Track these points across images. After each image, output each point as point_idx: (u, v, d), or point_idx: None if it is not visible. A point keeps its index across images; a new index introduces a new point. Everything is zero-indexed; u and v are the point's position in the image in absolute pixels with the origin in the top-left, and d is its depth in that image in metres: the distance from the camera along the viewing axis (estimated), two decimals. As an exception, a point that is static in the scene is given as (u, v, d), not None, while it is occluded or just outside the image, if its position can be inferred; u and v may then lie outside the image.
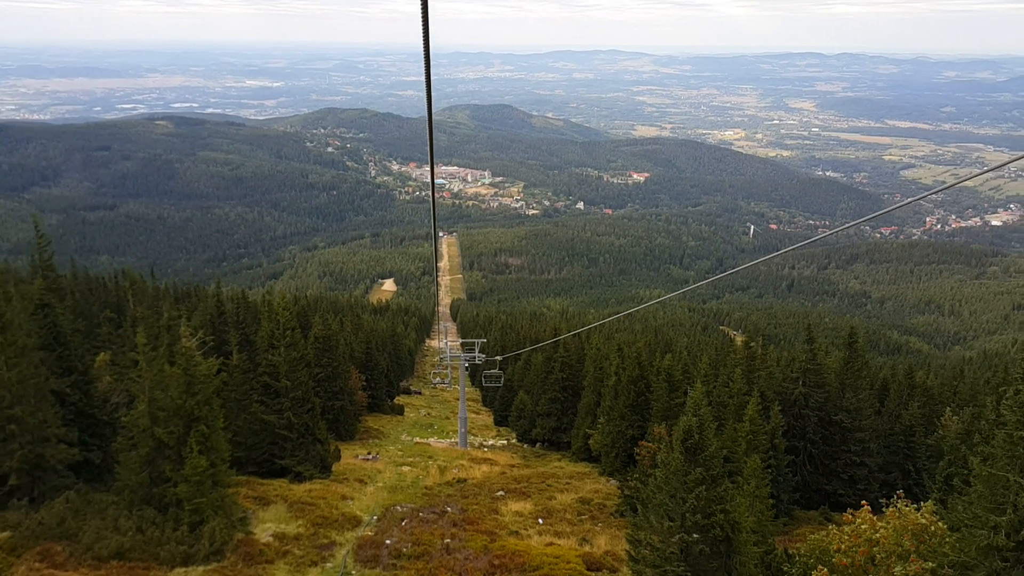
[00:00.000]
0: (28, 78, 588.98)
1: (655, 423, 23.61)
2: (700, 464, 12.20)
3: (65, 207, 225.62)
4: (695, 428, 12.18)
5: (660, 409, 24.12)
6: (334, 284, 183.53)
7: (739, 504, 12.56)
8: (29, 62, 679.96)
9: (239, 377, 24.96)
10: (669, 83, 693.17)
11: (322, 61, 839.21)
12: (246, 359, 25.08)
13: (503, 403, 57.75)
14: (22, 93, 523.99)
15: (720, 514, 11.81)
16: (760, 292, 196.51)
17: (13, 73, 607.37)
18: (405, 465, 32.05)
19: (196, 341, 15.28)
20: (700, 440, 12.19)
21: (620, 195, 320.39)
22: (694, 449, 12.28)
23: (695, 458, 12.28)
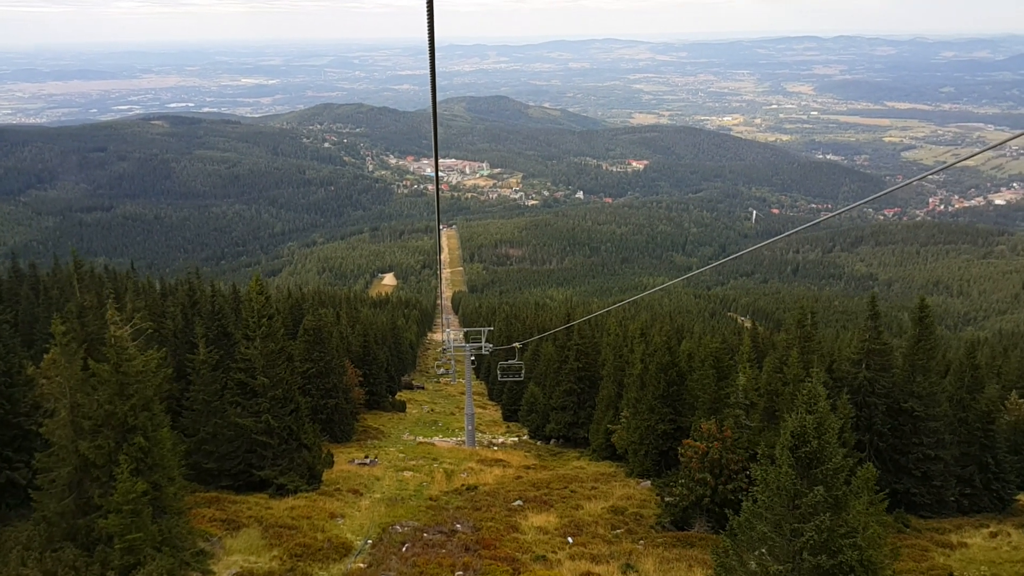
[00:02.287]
0: (24, 82, 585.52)
1: (700, 417, 20.37)
2: (819, 481, 8.87)
3: (62, 209, 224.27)
4: (811, 431, 8.79)
5: (707, 401, 20.81)
6: (334, 280, 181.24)
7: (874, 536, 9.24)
8: (24, 66, 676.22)
9: (207, 374, 21.61)
10: (666, 70, 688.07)
11: (317, 57, 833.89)
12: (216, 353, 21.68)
13: (512, 396, 54.29)
14: (18, 97, 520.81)
15: (850, 550, 8.45)
16: (765, 277, 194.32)
17: (9, 78, 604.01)
18: (407, 470, 28.71)
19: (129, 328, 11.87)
20: (820, 448, 8.81)
21: (620, 183, 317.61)
22: (810, 460, 8.92)
23: (812, 473, 8.93)
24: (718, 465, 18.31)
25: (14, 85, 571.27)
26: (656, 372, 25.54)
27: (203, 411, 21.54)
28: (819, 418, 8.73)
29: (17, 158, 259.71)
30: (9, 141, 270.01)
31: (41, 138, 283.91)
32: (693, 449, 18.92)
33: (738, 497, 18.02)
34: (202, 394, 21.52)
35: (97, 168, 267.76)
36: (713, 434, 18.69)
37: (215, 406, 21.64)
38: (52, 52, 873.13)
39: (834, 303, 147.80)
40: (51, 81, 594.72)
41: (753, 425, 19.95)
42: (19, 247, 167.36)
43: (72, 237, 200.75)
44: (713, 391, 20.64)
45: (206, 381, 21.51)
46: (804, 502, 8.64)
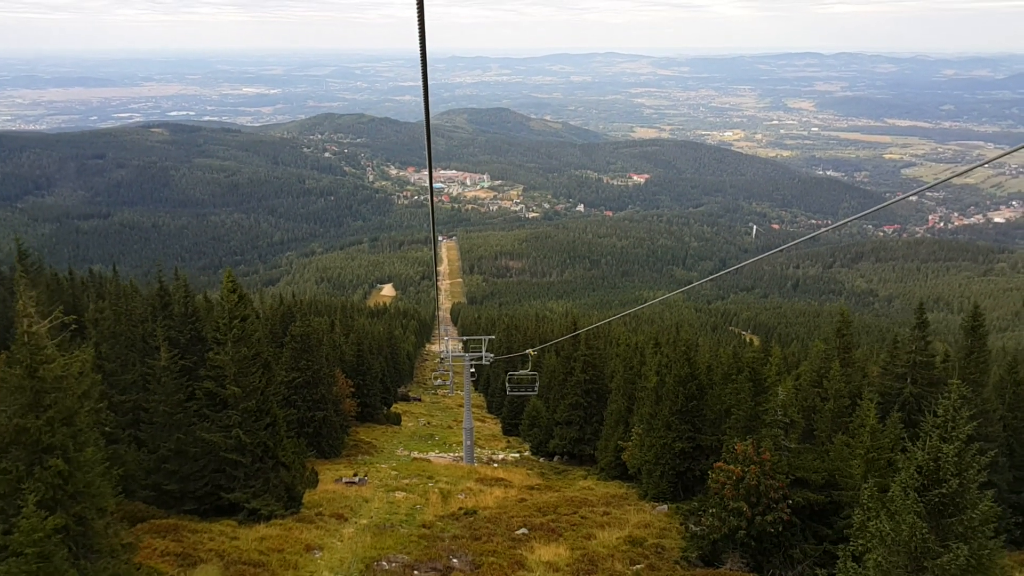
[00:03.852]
0: (24, 88, 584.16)
1: (732, 436, 18.10)
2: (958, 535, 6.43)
3: (59, 216, 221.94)
4: (949, 466, 6.43)
5: (742, 418, 18.47)
6: (332, 290, 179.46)
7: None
8: (25, 73, 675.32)
9: (169, 383, 19.29)
10: (667, 85, 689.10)
11: (319, 68, 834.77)
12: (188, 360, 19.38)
13: (512, 410, 51.86)
14: (18, 104, 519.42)
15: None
16: (765, 292, 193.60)
17: (9, 84, 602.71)
18: (399, 490, 26.23)
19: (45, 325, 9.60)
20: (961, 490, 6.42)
21: (620, 197, 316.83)
22: (945, 506, 6.46)
23: (947, 524, 6.46)
24: (755, 492, 15.97)
25: (14, 91, 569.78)
26: (674, 385, 23.29)
27: (164, 424, 19.16)
28: (959, 448, 6.41)
29: (15, 164, 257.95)
30: (7, 147, 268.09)
31: (39, 144, 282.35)
32: (726, 473, 16.55)
33: (778, 530, 15.85)
34: (163, 405, 19.14)
35: (95, 175, 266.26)
36: (749, 456, 16.35)
37: (178, 419, 19.23)
38: (53, 59, 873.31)
39: (835, 319, 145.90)
40: (52, 88, 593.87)
41: (793, 447, 17.70)
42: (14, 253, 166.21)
43: (69, 244, 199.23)
44: (749, 407, 18.34)
45: (168, 390, 19.18)
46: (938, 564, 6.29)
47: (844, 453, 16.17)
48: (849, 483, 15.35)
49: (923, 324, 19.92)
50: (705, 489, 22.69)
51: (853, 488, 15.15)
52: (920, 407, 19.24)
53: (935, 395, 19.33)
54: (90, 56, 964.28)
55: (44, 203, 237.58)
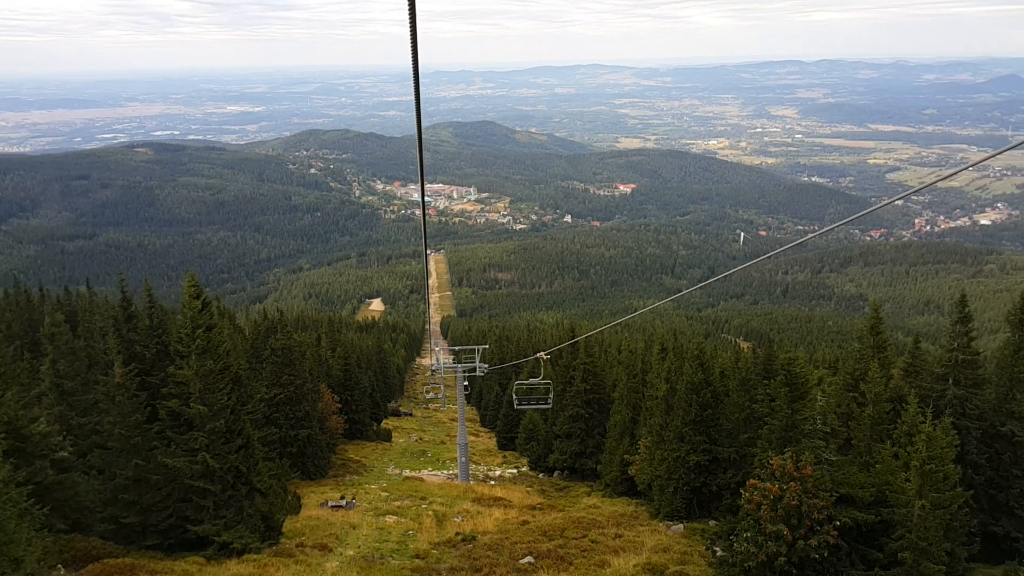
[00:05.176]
0: (7, 111, 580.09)
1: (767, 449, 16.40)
2: None
3: (43, 237, 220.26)
4: None
5: (778, 428, 16.72)
6: (320, 305, 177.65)
7: None
8: (8, 95, 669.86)
9: (125, 402, 17.17)
10: (651, 95, 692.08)
11: (303, 85, 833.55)
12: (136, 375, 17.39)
13: (508, 423, 50.02)
14: (1, 127, 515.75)
15: None
16: (755, 298, 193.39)
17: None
18: (390, 514, 24.41)
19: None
20: None
21: (607, 207, 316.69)
22: None
23: None
24: (796, 513, 14.24)
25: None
26: (686, 393, 21.66)
27: (121, 449, 17.15)
28: None
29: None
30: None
31: (23, 166, 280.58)
32: (761, 492, 14.81)
33: (823, 555, 14.06)
34: (119, 427, 17.07)
35: (80, 196, 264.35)
36: (788, 472, 14.65)
37: (136, 442, 17.18)
38: (36, 81, 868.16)
39: (828, 323, 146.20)
40: (35, 110, 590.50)
41: (835, 459, 16.04)
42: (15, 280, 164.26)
43: (54, 265, 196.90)
44: (786, 415, 16.65)
45: (124, 410, 17.14)
46: None
47: (892, 465, 14.54)
48: (900, 499, 13.71)
49: (965, 319, 18.27)
50: (721, 505, 21.03)
51: (905, 505, 13.53)
52: (965, 410, 17.60)
53: (980, 397, 17.77)
54: (73, 78, 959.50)
55: (29, 225, 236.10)
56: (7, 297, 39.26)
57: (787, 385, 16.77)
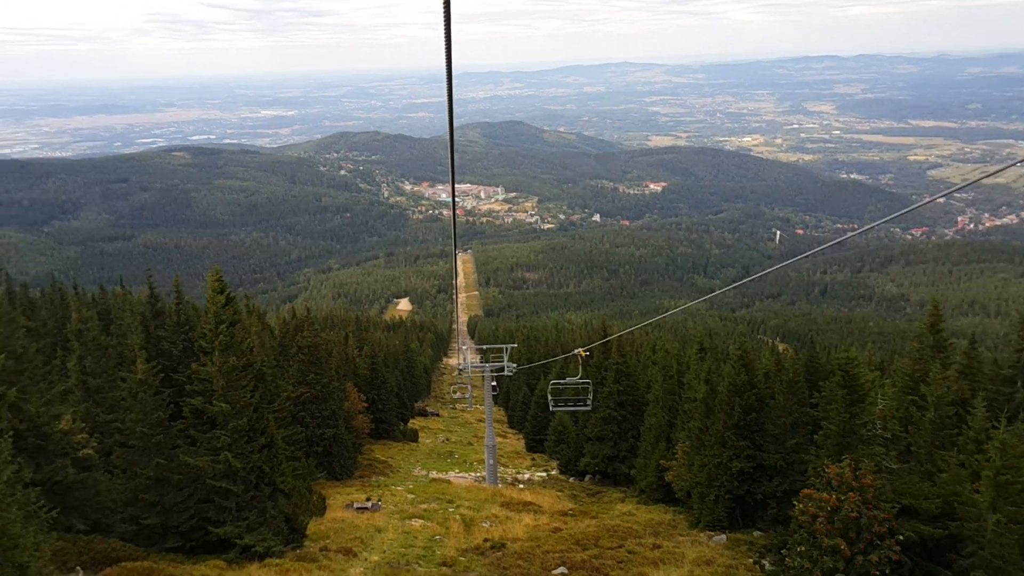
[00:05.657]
0: (50, 117, 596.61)
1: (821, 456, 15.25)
2: None
3: (84, 239, 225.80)
4: None
5: (835, 433, 15.55)
6: (349, 305, 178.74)
7: None
8: (50, 102, 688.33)
9: (147, 399, 16.67)
10: (683, 92, 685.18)
11: (334, 88, 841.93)
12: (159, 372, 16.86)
13: (536, 424, 49.07)
14: (45, 132, 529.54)
15: None
16: (792, 299, 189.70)
17: (36, 113, 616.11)
18: (416, 517, 23.72)
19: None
20: None
21: (637, 206, 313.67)
22: None
23: None
24: (855, 526, 13.09)
25: (41, 120, 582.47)
26: (728, 395, 20.52)
27: (142, 448, 16.74)
28: None
29: (41, 190, 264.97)
30: (34, 174, 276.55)
31: (65, 170, 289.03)
32: (816, 503, 13.69)
33: (884, 572, 12.87)
34: (140, 425, 16.61)
35: (119, 199, 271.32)
36: (846, 481, 13.53)
37: (158, 441, 16.77)
38: (78, 88, 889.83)
39: (869, 324, 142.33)
40: (77, 116, 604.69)
41: (896, 467, 14.85)
42: (41, 276, 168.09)
43: (94, 266, 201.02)
44: (844, 420, 15.46)
45: (146, 408, 16.68)
46: None
47: (959, 474, 13.35)
48: (970, 512, 12.53)
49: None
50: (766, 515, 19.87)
51: (976, 519, 12.34)
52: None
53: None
54: (113, 84, 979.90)
55: (70, 227, 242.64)
56: (43, 296, 39.60)
57: (844, 387, 15.59)
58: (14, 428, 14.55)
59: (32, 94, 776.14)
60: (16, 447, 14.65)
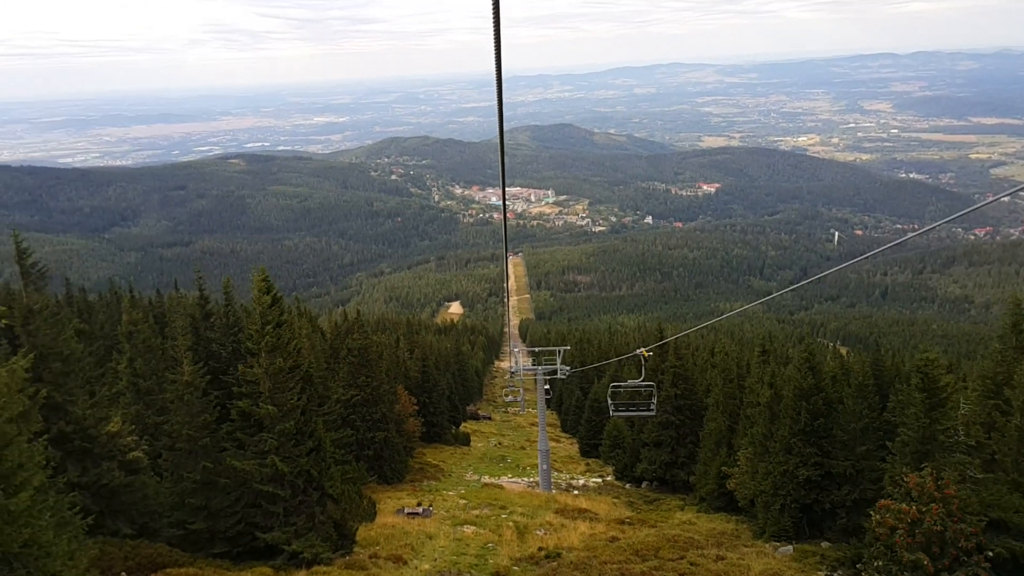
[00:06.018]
0: (110, 127, 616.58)
1: (899, 464, 14.23)
2: None
3: (143, 245, 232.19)
4: None
5: (914, 440, 14.52)
6: (400, 308, 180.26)
7: None
8: (110, 112, 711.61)
9: (194, 401, 16.44)
10: (735, 92, 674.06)
11: (384, 94, 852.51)
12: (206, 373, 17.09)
13: (590, 428, 48.11)
14: (105, 141, 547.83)
15: None
16: (852, 301, 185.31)
17: (97, 123, 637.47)
18: (468, 523, 23.10)
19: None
20: None
21: (690, 207, 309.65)
22: None
23: None
24: (939, 540, 12.06)
25: (102, 129, 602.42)
26: (794, 400, 19.45)
27: (189, 451, 16.38)
28: None
29: (103, 197, 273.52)
30: (95, 182, 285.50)
31: (125, 178, 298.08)
32: (895, 514, 12.70)
33: None
34: (186, 428, 16.32)
35: (177, 206, 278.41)
36: (928, 492, 12.51)
37: (204, 444, 16.44)
38: (136, 98, 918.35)
39: (932, 327, 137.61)
40: (136, 125, 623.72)
41: (981, 477, 13.75)
42: (102, 282, 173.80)
43: (153, 271, 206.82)
44: (923, 426, 14.38)
45: (193, 410, 16.40)
46: None
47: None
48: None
49: None
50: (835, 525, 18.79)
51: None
52: None
53: None
54: (171, 94, 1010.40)
55: (130, 233, 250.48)
56: (100, 299, 40.28)
57: (924, 390, 14.46)
58: (60, 430, 14.42)
59: (93, 104, 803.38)
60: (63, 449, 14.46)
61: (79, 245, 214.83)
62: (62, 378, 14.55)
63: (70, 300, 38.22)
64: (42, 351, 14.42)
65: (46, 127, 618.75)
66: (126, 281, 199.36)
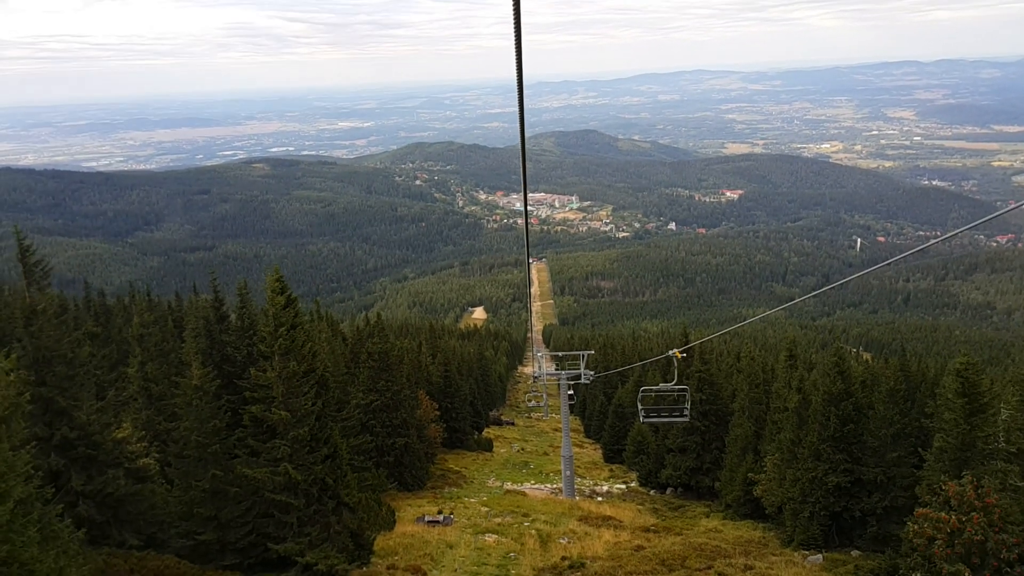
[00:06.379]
0: (135, 130, 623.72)
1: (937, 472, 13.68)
2: None
3: (166, 249, 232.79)
4: None
5: (953, 447, 13.95)
6: (424, 313, 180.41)
7: None
8: (135, 115, 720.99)
9: (203, 406, 15.70)
10: (759, 99, 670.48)
11: (409, 100, 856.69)
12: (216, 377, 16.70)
13: (614, 434, 47.47)
14: (129, 145, 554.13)
15: None
16: (874, 307, 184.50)
17: (121, 127, 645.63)
18: (490, 532, 22.54)
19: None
20: None
21: (713, 214, 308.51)
22: None
23: None
24: (980, 551, 11.49)
25: (126, 133, 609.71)
26: (823, 405, 18.84)
27: (198, 458, 15.73)
28: None
29: (127, 202, 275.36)
30: (119, 186, 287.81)
31: (148, 182, 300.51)
32: (934, 523, 12.16)
33: None
34: (195, 434, 15.62)
35: (201, 210, 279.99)
36: (968, 500, 11.96)
37: (214, 451, 15.77)
38: (161, 101, 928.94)
39: (954, 333, 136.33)
40: (160, 129, 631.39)
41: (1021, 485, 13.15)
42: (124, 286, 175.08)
43: (176, 276, 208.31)
44: (963, 432, 13.81)
45: (202, 415, 15.67)
46: None
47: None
48: None
49: None
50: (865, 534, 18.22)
51: None
52: None
53: None
54: (196, 98, 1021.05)
55: (153, 237, 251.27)
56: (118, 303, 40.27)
57: (964, 395, 13.87)
58: (64, 436, 14.01)
59: (118, 108, 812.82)
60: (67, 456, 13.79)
61: (102, 249, 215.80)
62: (66, 382, 14.24)
63: (88, 303, 38.38)
64: (45, 353, 14.03)
65: (71, 131, 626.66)
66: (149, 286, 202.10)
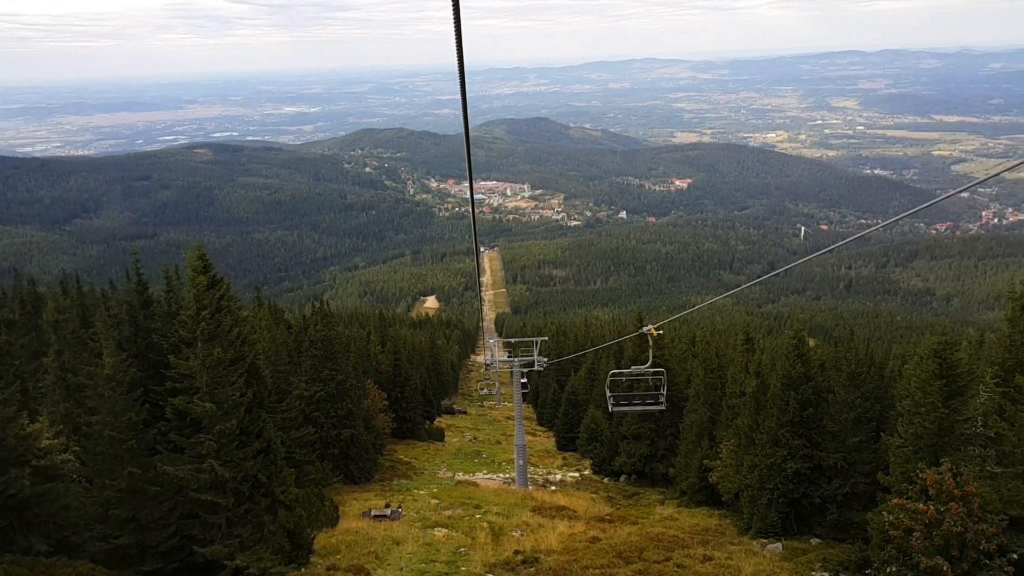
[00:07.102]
0: (71, 115, 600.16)
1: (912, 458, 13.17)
2: None
3: (106, 237, 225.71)
4: None
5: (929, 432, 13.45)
6: (375, 303, 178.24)
7: None
8: (72, 99, 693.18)
9: (116, 398, 14.23)
10: (707, 88, 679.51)
11: (358, 85, 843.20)
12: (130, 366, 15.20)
13: (567, 422, 47.16)
14: (66, 130, 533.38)
15: None
16: (817, 294, 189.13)
17: (58, 111, 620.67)
18: (440, 526, 21.74)
19: None
20: None
21: (663, 202, 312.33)
22: None
23: None
24: (959, 542, 11.03)
25: (63, 118, 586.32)
26: (782, 389, 18.49)
27: (111, 454, 14.33)
28: None
29: (63, 188, 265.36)
30: (56, 172, 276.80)
31: (86, 168, 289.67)
32: (910, 514, 11.69)
33: None
34: (109, 428, 14.15)
35: (141, 196, 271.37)
36: (947, 489, 11.49)
37: (130, 447, 14.36)
38: (99, 85, 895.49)
39: (896, 319, 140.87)
40: (98, 114, 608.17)
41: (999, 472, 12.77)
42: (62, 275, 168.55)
43: (116, 265, 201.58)
44: (941, 416, 13.38)
45: (116, 408, 14.22)
46: None
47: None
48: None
49: None
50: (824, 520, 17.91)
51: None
52: None
53: None
54: (135, 81, 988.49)
55: (92, 225, 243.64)
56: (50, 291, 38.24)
57: (942, 377, 13.44)
58: None
59: (54, 91, 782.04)
60: None
61: (39, 237, 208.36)
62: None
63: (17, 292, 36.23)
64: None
65: (3, 115, 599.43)
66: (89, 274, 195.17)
